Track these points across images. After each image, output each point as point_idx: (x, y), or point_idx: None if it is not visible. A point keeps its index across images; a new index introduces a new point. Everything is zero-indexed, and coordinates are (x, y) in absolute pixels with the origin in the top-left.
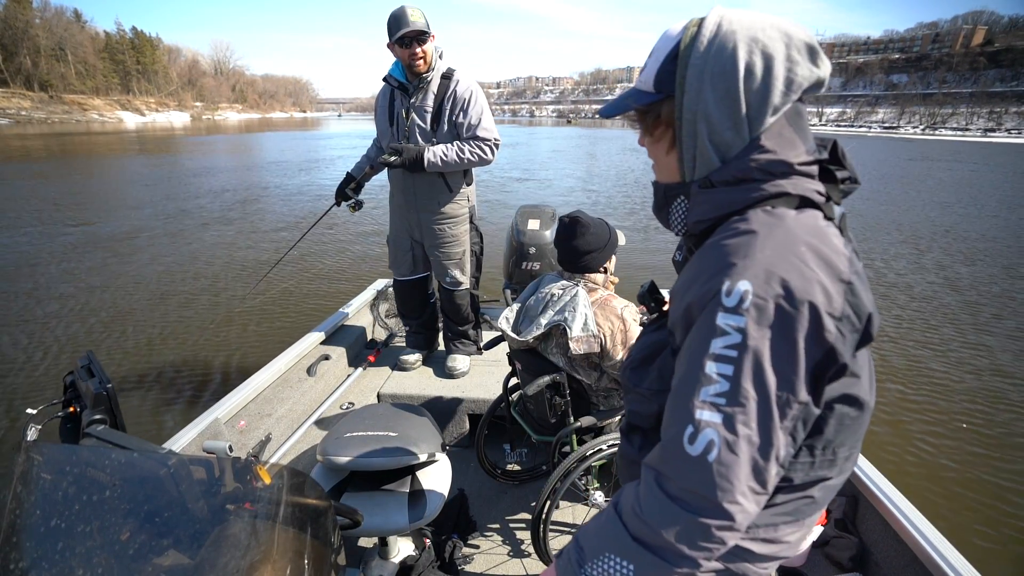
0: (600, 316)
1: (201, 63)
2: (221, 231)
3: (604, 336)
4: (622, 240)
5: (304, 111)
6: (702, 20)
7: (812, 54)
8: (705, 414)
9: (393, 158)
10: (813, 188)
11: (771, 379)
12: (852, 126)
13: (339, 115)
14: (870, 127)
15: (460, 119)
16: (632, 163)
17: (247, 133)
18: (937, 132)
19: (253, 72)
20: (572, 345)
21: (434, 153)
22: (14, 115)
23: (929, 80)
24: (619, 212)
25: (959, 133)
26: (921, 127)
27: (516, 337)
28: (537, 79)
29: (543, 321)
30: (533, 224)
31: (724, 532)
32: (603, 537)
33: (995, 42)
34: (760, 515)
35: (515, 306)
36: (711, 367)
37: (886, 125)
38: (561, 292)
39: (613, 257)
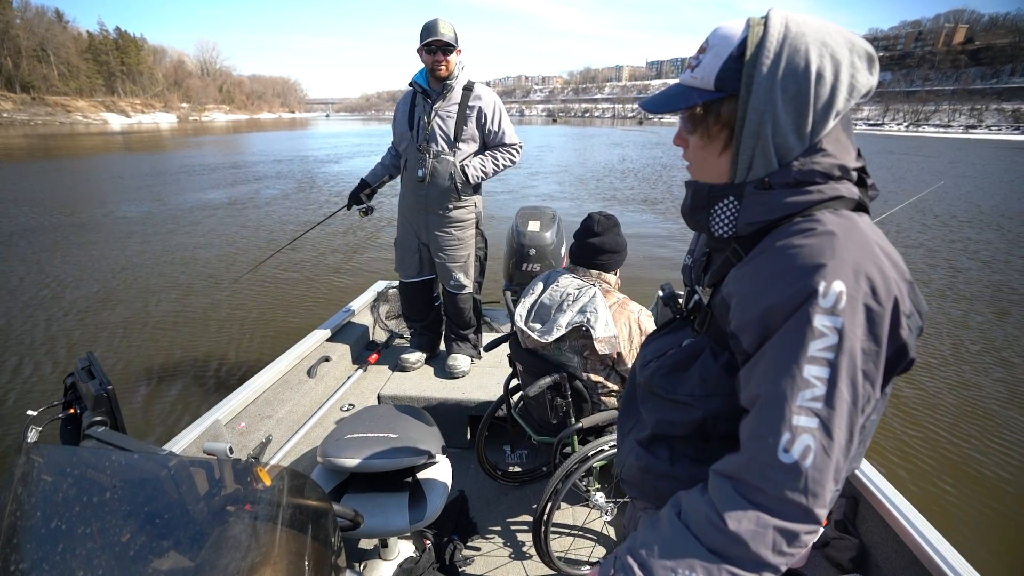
0: (618, 319)
1: (187, 64)
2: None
3: (622, 340)
4: None
5: (292, 112)
6: (766, 20)
7: (870, 62)
8: (802, 420)
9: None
10: (858, 192)
11: (860, 379)
12: None
13: (327, 115)
14: (855, 124)
15: (489, 130)
16: (611, 157)
17: (241, 133)
18: (920, 129)
19: (240, 73)
20: (597, 346)
21: (475, 167)
22: None
23: (912, 78)
24: (606, 199)
25: (941, 130)
26: (905, 124)
27: (536, 337)
28: (527, 78)
29: (563, 322)
30: (533, 226)
31: (810, 536)
32: (672, 552)
33: (976, 40)
34: None
35: (527, 302)
36: (809, 370)
37: (871, 122)
38: (578, 292)
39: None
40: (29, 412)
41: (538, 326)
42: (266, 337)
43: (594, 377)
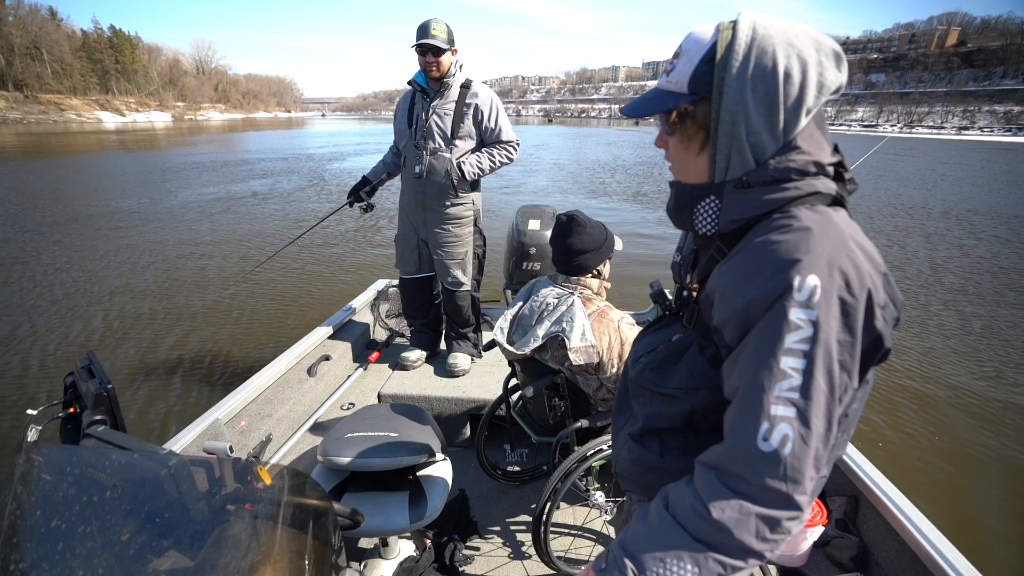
0: (597, 328)
1: (182, 62)
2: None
3: (601, 349)
4: (619, 245)
5: (289, 111)
6: (734, 24)
7: (838, 60)
8: (780, 409)
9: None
10: (835, 187)
11: (836, 369)
12: (833, 124)
13: (323, 115)
14: (850, 126)
15: (486, 127)
16: (605, 155)
17: (238, 132)
18: (914, 130)
19: (236, 71)
20: (572, 356)
21: (471, 164)
22: None
23: (906, 79)
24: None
25: (935, 131)
26: (898, 125)
27: (512, 350)
28: (523, 78)
29: (540, 332)
30: (534, 224)
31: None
32: (661, 543)
33: (968, 43)
34: None
35: (508, 314)
36: (785, 362)
37: (865, 124)
38: (556, 301)
39: (607, 261)
40: (29, 411)
41: (518, 338)
42: (266, 336)
43: (583, 387)
